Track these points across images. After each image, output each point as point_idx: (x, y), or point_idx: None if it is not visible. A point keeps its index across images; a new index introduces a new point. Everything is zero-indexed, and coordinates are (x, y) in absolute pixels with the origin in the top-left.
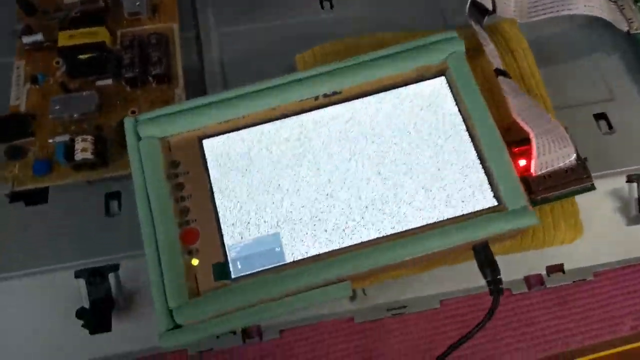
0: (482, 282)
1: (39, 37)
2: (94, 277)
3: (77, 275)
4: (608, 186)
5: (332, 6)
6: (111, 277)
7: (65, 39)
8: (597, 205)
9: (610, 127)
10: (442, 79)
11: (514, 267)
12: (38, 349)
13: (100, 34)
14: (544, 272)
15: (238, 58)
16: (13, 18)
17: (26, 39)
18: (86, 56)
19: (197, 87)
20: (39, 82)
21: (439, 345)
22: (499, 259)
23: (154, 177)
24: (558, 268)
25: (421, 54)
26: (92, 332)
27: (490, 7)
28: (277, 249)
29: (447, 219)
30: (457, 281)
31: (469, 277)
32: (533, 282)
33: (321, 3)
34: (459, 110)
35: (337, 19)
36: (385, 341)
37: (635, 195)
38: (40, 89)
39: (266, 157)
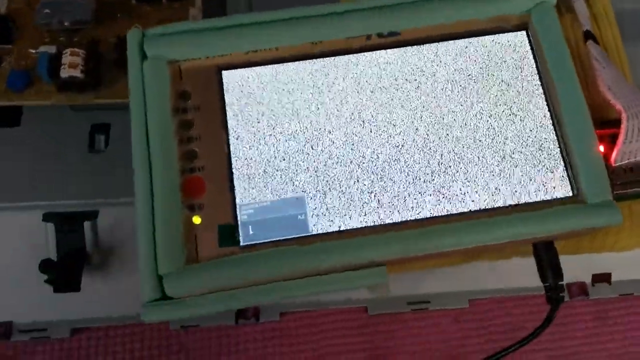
0: (522, 283)
1: None
2: (66, 223)
3: (46, 218)
4: None
5: None
6: (87, 225)
7: None
8: None
9: None
10: (524, 33)
11: None
12: None
13: None
14: (588, 281)
15: None
16: None
17: None
18: None
19: (215, 10)
20: None
21: (462, 351)
22: None
23: (158, 109)
24: (605, 278)
25: (500, 0)
26: (56, 290)
27: None
28: (301, 217)
29: (513, 206)
30: (492, 279)
31: (507, 275)
32: (575, 291)
33: None
34: (540, 76)
35: None
36: (400, 339)
37: None
38: None
39: (300, 101)
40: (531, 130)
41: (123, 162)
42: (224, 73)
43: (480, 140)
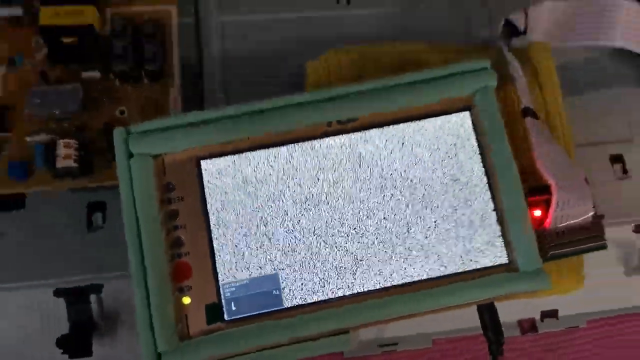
0: (478, 322)
1: (17, 11)
2: (75, 297)
3: (57, 294)
4: (612, 234)
5: (348, 2)
6: (93, 298)
7: (48, 16)
8: (599, 253)
9: (624, 171)
10: (467, 114)
11: (507, 309)
12: None
13: (88, 14)
14: (538, 317)
15: (241, 53)
16: None
17: (1, 11)
18: (70, 40)
19: (193, 83)
20: (15, 64)
21: None
22: None
23: (146, 203)
24: (552, 314)
25: (447, 85)
26: (71, 357)
27: (522, 27)
28: (276, 292)
29: (455, 274)
30: (452, 320)
31: (464, 316)
32: (526, 326)
33: None
34: (481, 154)
35: (353, 16)
36: None
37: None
38: (17, 73)
39: (270, 186)
40: (473, 204)
41: (120, 237)
42: (203, 163)
43: (428, 215)
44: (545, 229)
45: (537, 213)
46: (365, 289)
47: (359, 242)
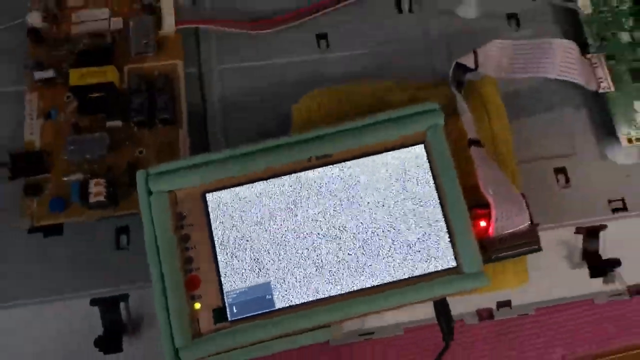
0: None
1: (50, 73)
2: (107, 305)
3: (92, 303)
4: (559, 235)
5: (328, 45)
6: (122, 305)
7: (76, 77)
8: (548, 251)
9: (567, 181)
10: (422, 147)
11: (467, 301)
12: None
13: (109, 73)
14: (494, 307)
15: (238, 96)
16: (23, 45)
17: (38, 75)
18: (96, 95)
19: (199, 125)
20: (52, 117)
21: None
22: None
23: (163, 230)
24: (506, 303)
25: (404, 124)
26: (105, 353)
27: (473, 65)
28: (268, 297)
29: (415, 277)
30: (420, 311)
31: (429, 308)
32: (484, 314)
33: (317, 42)
34: (434, 178)
35: (333, 58)
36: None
37: (580, 245)
38: (53, 124)
39: (262, 211)
40: (428, 220)
41: (143, 255)
42: (207, 195)
43: (390, 230)
44: (489, 237)
45: (483, 224)
46: (342, 292)
47: (335, 255)
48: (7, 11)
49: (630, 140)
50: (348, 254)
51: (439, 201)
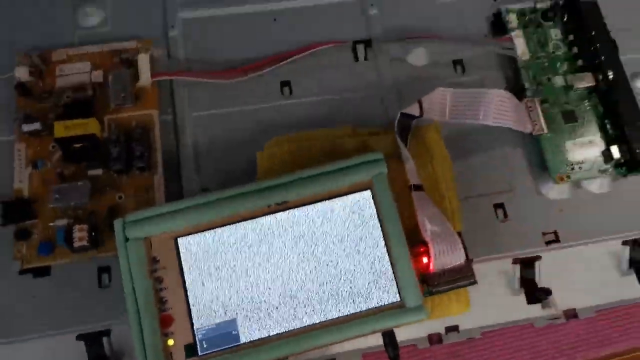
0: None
1: (37, 126)
2: (92, 340)
3: (78, 338)
4: (499, 266)
5: (291, 92)
6: (105, 339)
7: (61, 130)
8: (489, 280)
9: (505, 215)
10: (368, 192)
11: (418, 326)
12: None
13: (91, 125)
14: (443, 331)
15: (209, 141)
16: (12, 97)
17: (26, 127)
18: (79, 145)
19: (173, 169)
20: (38, 167)
21: None
22: None
23: (139, 274)
24: (454, 328)
25: (353, 173)
26: None
27: (418, 113)
28: (234, 332)
29: (362, 311)
30: (375, 338)
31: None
32: (434, 339)
33: (281, 89)
34: (379, 221)
35: (296, 103)
36: None
37: (518, 274)
38: (39, 173)
39: (228, 253)
40: (375, 259)
41: (122, 293)
42: (179, 240)
43: (341, 269)
44: (430, 272)
45: (425, 260)
46: (298, 327)
47: (292, 293)
48: None
49: (562, 178)
50: (303, 292)
51: (384, 242)
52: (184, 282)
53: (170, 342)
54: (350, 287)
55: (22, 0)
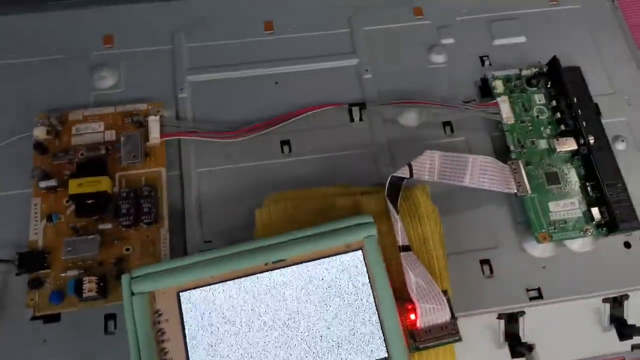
0: None
1: (53, 182)
2: None
3: None
4: (484, 320)
5: (290, 150)
6: None
7: (75, 187)
8: (475, 335)
9: (491, 271)
10: (360, 252)
11: None
12: None
13: (103, 183)
14: None
15: (212, 195)
16: (29, 154)
17: (43, 184)
18: (91, 201)
19: (177, 221)
20: (52, 220)
21: None
22: None
23: (143, 326)
24: None
25: (345, 234)
26: None
27: (408, 175)
28: None
29: None
30: None
31: None
32: None
33: (282, 148)
34: (369, 280)
35: (294, 161)
36: None
37: (503, 328)
38: (53, 226)
39: (226, 307)
40: (364, 316)
41: (127, 338)
42: (181, 294)
43: (335, 325)
44: (417, 329)
45: (412, 317)
46: None
47: (285, 347)
48: (16, 125)
49: (544, 237)
50: (296, 346)
51: (373, 300)
52: (184, 334)
53: None
54: (340, 342)
55: (42, 63)
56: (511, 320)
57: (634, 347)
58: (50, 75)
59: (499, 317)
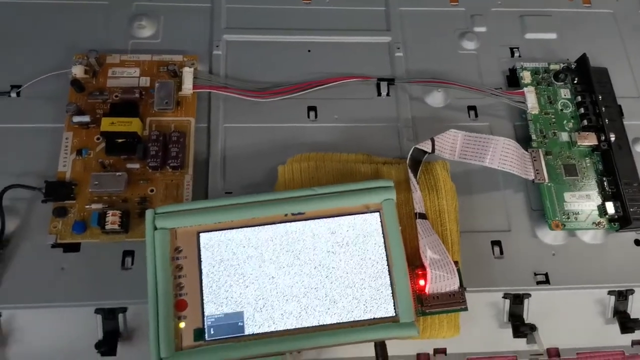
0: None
1: (86, 118)
2: (108, 315)
3: (97, 312)
4: (490, 298)
5: (316, 116)
6: (120, 316)
7: (107, 124)
8: (480, 311)
9: (501, 252)
10: (377, 215)
11: (409, 345)
12: None
13: (134, 124)
14: (431, 352)
15: (237, 150)
16: (65, 90)
17: (76, 119)
18: (121, 140)
19: (201, 171)
20: (82, 155)
21: None
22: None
23: (163, 259)
24: (442, 351)
25: (365, 195)
26: (102, 355)
27: (430, 150)
28: (240, 324)
29: (359, 320)
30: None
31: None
32: (422, 359)
33: (308, 113)
34: (384, 241)
35: (318, 127)
36: None
37: (507, 308)
38: (82, 160)
39: (244, 252)
40: (376, 274)
41: (142, 277)
42: (201, 235)
43: (345, 279)
44: (425, 294)
45: (422, 282)
46: (299, 326)
47: (297, 296)
48: (55, 61)
49: (557, 225)
50: (308, 296)
51: (386, 261)
52: (200, 272)
53: (182, 324)
54: (351, 298)
55: (85, 7)
56: (516, 301)
57: (634, 342)
58: (91, 19)
59: (505, 296)
